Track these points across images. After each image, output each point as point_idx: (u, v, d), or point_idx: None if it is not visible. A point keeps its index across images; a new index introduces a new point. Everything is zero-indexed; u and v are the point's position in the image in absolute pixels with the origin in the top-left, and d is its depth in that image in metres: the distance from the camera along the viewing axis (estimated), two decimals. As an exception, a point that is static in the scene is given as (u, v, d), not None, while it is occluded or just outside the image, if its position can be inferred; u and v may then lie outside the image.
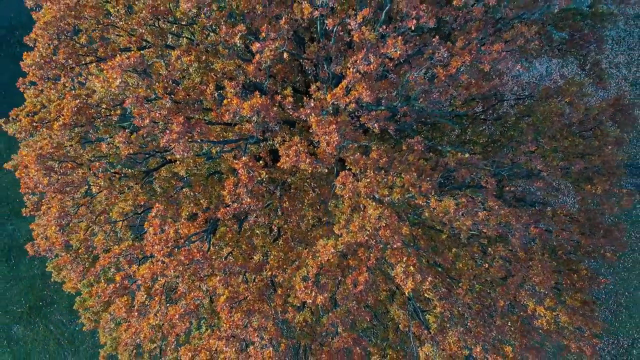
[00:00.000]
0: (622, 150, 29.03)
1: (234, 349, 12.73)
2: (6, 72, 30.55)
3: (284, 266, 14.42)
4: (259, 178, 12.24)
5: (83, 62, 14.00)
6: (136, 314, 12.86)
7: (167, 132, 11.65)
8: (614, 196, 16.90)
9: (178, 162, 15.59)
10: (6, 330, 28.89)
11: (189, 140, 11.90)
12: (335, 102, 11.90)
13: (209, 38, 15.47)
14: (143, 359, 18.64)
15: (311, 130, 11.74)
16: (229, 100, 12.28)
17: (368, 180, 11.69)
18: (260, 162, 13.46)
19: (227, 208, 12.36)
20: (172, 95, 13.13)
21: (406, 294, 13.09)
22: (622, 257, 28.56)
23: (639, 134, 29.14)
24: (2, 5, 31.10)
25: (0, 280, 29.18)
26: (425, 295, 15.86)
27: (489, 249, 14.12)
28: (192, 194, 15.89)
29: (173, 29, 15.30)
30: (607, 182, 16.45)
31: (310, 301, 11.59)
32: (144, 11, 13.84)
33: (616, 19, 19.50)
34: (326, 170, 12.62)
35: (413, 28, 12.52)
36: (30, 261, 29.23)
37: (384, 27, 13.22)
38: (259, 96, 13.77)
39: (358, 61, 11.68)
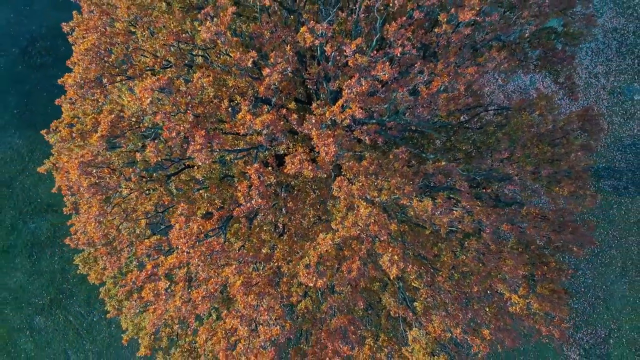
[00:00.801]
0: (600, 155, 31.25)
1: (246, 328, 14.94)
2: (28, 81, 32.76)
3: (289, 258, 16.63)
4: (268, 182, 14.46)
5: (115, 81, 16.20)
6: (164, 297, 15.07)
7: (192, 143, 13.87)
8: (580, 197, 19.08)
9: (196, 167, 17.81)
10: (29, 321, 31.09)
11: (209, 150, 14.10)
12: (333, 118, 14.12)
13: (221, 57, 17.67)
14: (162, 342, 20.89)
15: (313, 142, 13.95)
16: (243, 115, 14.49)
17: (360, 184, 13.92)
18: (269, 168, 15.66)
19: (241, 207, 14.57)
20: (193, 109, 15.33)
21: (392, 278, 15.29)
22: (599, 253, 30.78)
23: (616, 139, 31.33)
24: (24, 19, 33.28)
25: (23, 274, 31.38)
26: (413, 284, 18.09)
27: (465, 243, 16.33)
28: (207, 195, 18.11)
29: (191, 49, 17.53)
30: (573, 185, 18.63)
31: (312, 284, 13.81)
32: (167, 36, 16.05)
33: (586, 38, 21.65)
34: (325, 175, 14.83)
35: (399, 55, 14.73)
36: (50, 257, 31.44)
37: (375, 52, 15.46)
38: (267, 111, 16.06)
39: (352, 84, 13.90)
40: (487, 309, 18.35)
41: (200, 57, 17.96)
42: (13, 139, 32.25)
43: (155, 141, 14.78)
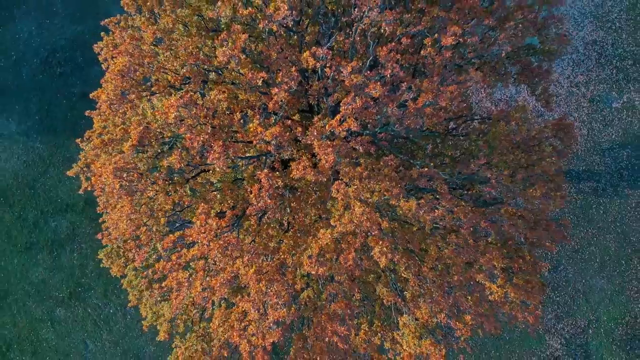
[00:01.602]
0: (580, 159, 33.61)
1: (256, 311, 17.34)
2: (48, 89, 35.14)
3: (293, 251, 19.02)
4: (276, 185, 16.84)
5: (142, 97, 18.57)
6: (186, 284, 17.46)
7: (211, 152, 16.25)
8: (551, 198, 21.42)
9: (211, 171, 20.17)
10: (50, 313, 33.47)
11: (226, 157, 16.48)
12: (332, 130, 16.50)
13: (233, 74, 20.04)
14: (179, 328, 23.25)
15: (314, 152, 16.34)
16: (254, 128, 16.88)
17: (355, 187, 16.30)
18: (276, 172, 18.03)
19: (253, 207, 16.95)
20: (210, 121, 17.69)
21: (382, 267, 17.66)
22: (579, 250, 33.16)
23: (595, 144, 33.71)
24: (44, 31, 35.65)
25: (45, 269, 33.77)
26: (403, 275, 20.44)
27: (447, 238, 18.72)
28: (219, 196, 20.47)
29: (207, 67, 19.91)
30: (545, 187, 20.98)
31: (314, 272, 16.20)
32: (188, 57, 18.42)
33: (560, 54, 23.97)
34: (325, 179, 17.20)
35: (389, 76, 17.11)
36: (70, 253, 33.81)
37: (368, 72, 17.85)
38: (274, 121, 18.45)
39: (348, 101, 16.28)
40: (468, 297, 20.72)
41: (213, 72, 20.34)
42: (35, 143, 34.64)
43: (180, 149, 17.15)
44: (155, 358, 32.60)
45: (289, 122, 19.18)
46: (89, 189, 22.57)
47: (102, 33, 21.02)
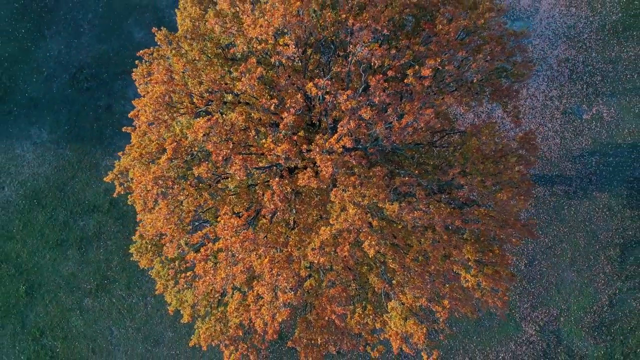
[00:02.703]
0: (554, 165, 37.47)
1: (269, 294, 21.23)
2: (76, 103, 39.01)
3: (298, 246, 22.89)
4: (286, 190, 20.73)
5: (174, 117, 22.45)
6: (211, 272, 21.36)
7: (233, 164, 20.14)
8: (516, 200, 25.29)
9: (229, 178, 24.06)
10: (79, 303, 37.34)
11: (245, 169, 20.37)
12: (331, 147, 20.40)
13: (248, 96, 23.89)
14: (200, 312, 27.11)
15: (316, 163, 20.25)
16: (268, 144, 20.77)
17: (350, 192, 20.20)
18: (285, 179, 21.91)
19: (266, 208, 20.84)
20: (231, 137, 21.59)
21: (371, 257, 21.55)
22: (552, 246, 37.05)
23: (567, 151, 37.59)
24: (72, 50, 39.52)
25: (74, 264, 37.64)
26: (391, 266, 24.31)
27: (425, 234, 22.61)
28: (234, 199, 24.34)
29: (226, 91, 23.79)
30: (511, 192, 24.82)
31: (316, 261, 20.11)
32: (212, 85, 22.28)
33: (528, 78, 27.80)
34: (325, 186, 21.09)
35: (377, 101, 21.00)
36: (96, 249, 37.69)
37: (361, 97, 21.73)
38: (283, 136, 22.30)
39: (344, 123, 20.18)
40: (446, 285, 24.60)
41: (230, 94, 24.21)
42: (64, 151, 38.53)
43: (207, 162, 21.04)
44: (174, 342, 36.50)
45: (296, 137, 23.07)
46: (122, 193, 26.49)
47: (137, 62, 24.85)
